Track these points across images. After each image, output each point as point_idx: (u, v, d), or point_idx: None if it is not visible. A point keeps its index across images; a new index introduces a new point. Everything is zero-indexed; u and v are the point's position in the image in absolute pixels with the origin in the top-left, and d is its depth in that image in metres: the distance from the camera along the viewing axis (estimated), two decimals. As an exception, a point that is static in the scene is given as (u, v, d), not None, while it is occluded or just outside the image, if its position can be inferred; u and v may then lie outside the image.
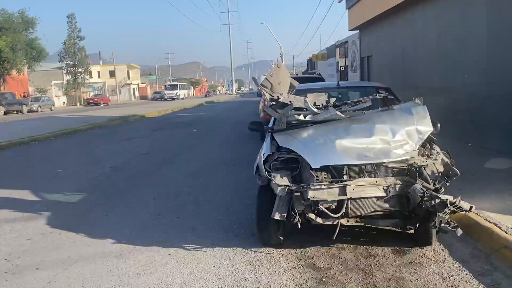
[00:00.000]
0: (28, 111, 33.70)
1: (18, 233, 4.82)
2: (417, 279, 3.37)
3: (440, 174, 3.65)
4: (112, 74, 61.63)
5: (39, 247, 4.38)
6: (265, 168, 3.73)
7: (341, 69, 26.13)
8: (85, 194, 6.49)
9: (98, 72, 64.12)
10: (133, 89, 69.67)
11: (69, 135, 15.50)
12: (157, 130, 16.59)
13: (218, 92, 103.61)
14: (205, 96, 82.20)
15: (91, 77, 55.65)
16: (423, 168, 3.60)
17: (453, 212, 3.37)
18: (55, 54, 51.65)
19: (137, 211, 5.46)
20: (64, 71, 49.08)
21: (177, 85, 67.36)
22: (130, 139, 13.65)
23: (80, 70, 48.98)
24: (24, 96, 37.30)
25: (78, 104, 49.12)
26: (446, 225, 3.51)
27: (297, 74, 27.30)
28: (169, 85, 68.28)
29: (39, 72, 43.40)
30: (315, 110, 4.17)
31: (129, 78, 68.15)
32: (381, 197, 3.53)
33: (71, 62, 48.47)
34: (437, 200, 3.31)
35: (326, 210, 3.53)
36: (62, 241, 4.51)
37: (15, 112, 32.55)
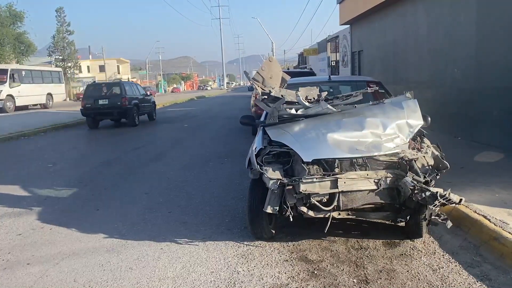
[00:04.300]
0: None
1: (8, 229, 4.79)
2: (407, 271, 3.41)
3: (430, 167, 3.69)
4: (102, 68, 61.00)
5: (30, 242, 4.35)
6: (257, 162, 3.73)
7: (332, 64, 26.20)
8: (76, 189, 6.45)
9: (88, 67, 63.49)
10: (123, 83, 68.83)
11: (59, 130, 15.38)
12: (148, 124, 16.51)
13: (209, 88, 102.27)
14: None
15: (80, 71, 55.05)
16: (413, 161, 3.63)
17: (443, 204, 3.41)
18: (44, 48, 50.98)
19: (129, 206, 5.44)
20: (53, 66, 48.52)
21: (6, 70, 25.54)
22: (120, 133, 13.57)
23: (69, 64, 48.39)
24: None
25: (68, 99, 48.52)
26: (436, 217, 3.56)
27: (288, 69, 27.28)
28: None
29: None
30: (307, 104, 4.18)
31: (119, 72, 67.33)
32: (372, 190, 3.56)
33: (60, 57, 47.85)
34: (428, 193, 3.34)
35: (317, 203, 3.56)
36: (53, 236, 4.48)
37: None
